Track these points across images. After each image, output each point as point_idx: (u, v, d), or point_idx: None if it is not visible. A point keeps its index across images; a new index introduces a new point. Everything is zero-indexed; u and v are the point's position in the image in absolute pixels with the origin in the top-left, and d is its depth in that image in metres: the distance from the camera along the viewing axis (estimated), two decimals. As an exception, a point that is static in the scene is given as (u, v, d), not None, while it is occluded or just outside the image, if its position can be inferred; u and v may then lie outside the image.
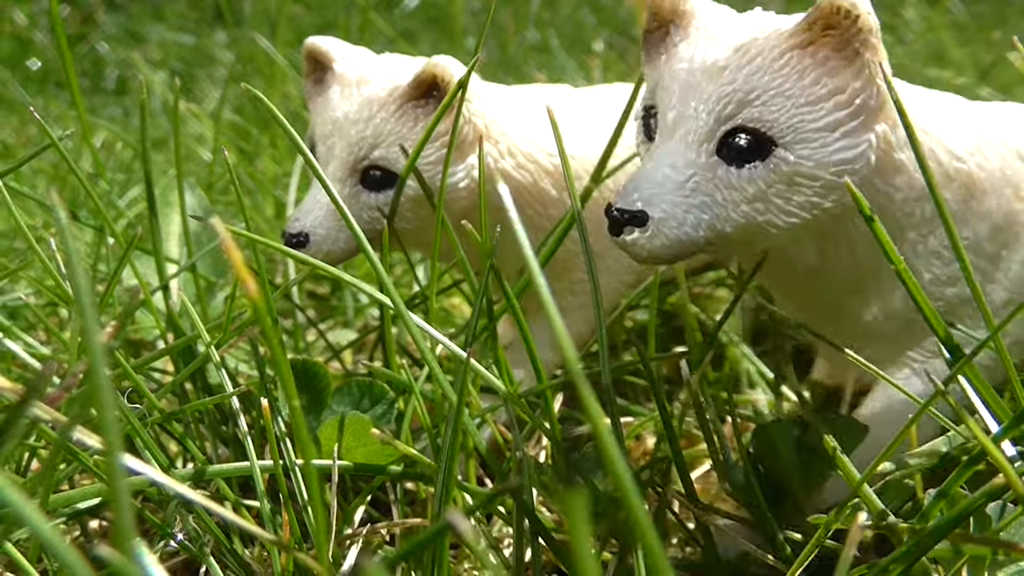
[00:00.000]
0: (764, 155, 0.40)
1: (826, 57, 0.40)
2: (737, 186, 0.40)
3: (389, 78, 0.55)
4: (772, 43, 0.40)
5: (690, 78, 0.41)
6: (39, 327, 0.76)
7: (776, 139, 0.40)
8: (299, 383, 0.49)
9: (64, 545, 0.22)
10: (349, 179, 0.54)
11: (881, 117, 0.41)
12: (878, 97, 0.40)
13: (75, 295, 0.23)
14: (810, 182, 0.40)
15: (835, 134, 0.40)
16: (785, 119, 0.40)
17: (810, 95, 0.40)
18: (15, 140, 1.49)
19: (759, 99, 0.40)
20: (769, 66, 0.40)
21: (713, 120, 0.40)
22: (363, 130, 0.54)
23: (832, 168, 0.40)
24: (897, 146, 0.41)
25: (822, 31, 0.40)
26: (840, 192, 0.40)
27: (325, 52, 0.57)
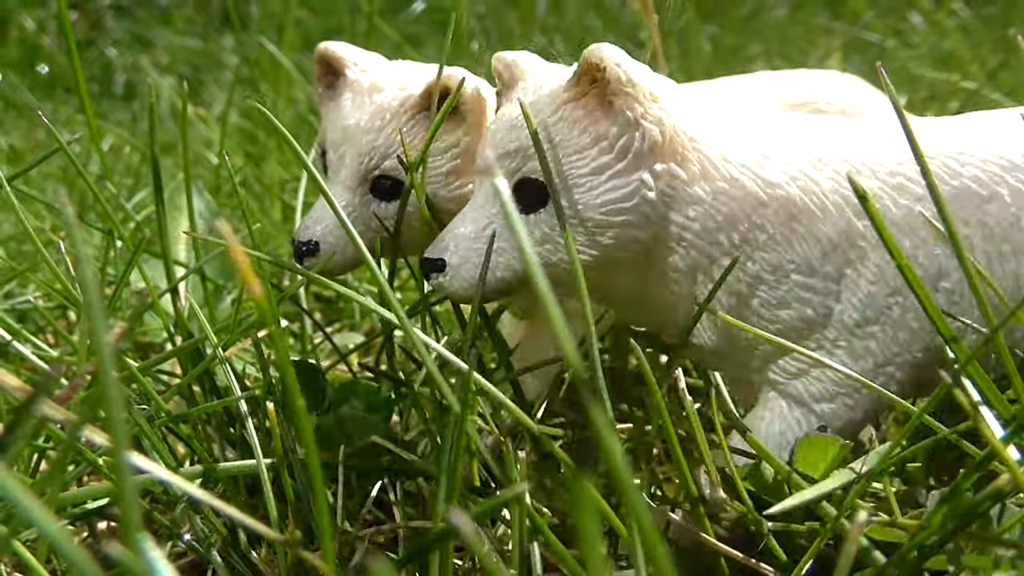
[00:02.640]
0: (544, 202, 0.45)
1: (593, 108, 0.44)
2: (528, 230, 0.45)
3: (401, 86, 0.55)
4: (551, 98, 0.45)
5: (494, 133, 0.47)
6: (48, 330, 0.76)
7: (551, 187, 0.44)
8: (304, 384, 0.50)
9: (72, 544, 0.23)
10: (359, 188, 0.54)
11: (659, 157, 0.43)
12: (644, 140, 0.43)
13: (83, 294, 0.23)
14: (585, 223, 0.44)
15: (602, 177, 0.44)
16: (558, 170, 0.44)
17: (577, 144, 0.44)
18: (24, 144, 1.50)
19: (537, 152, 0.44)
20: (547, 120, 0.44)
21: (505, 173, 0.45)
22: (374, 139, 0.54)
23: (601, 209, 0.44)
24: (690, 180, 0.44)
25: (589, 84, 0.44)
26: (617, 229, 0.44)
27: (338, 58, 0.57)
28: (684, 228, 0.44)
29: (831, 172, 0.45)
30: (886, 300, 0.45)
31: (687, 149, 0.44)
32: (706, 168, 0.44)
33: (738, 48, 1.79)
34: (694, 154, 0.44)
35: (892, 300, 0.45)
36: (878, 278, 0.45)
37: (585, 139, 0.44)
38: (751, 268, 0.45)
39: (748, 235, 0.44)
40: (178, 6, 2.97)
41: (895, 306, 0.45)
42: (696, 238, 0.44)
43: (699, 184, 0.44)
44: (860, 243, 0.45)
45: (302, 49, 1.82)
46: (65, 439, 0.43)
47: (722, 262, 0.45)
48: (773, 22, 2.27)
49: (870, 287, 0.45)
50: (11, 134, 1.59)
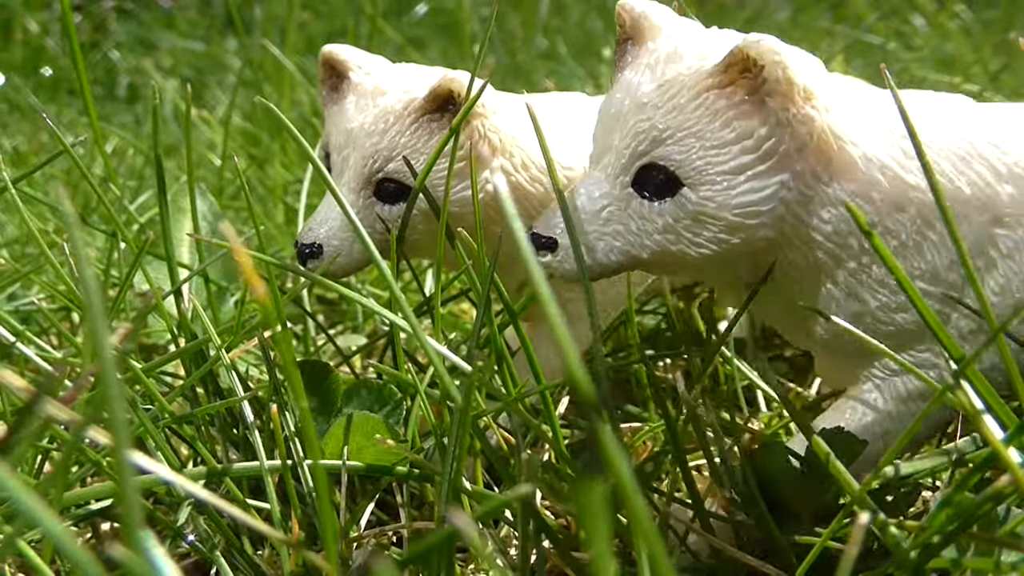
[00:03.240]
0: (673, 192, 0.42)
1: (740, 100, 0.41)
2: (649, 218, 0.43)
3: (405, 89, 0.55)
4: (692, 82, 0.41)
5: (620, 109, 0.43)
6: (52, 332, 0.77)
7: (683, 179, 0.42)
8: (309, 385, 0.50)
9: (76, 545, 0.23)
10: (363, 191, 0.54)
11: (804, 158, 0.41)
12: (791, 141, 0.41)
13: (84, 293, 0.23)
14: (715, 221, 0.42)
15: (740, 177, 0.41)
16: (693, 160, 0.41)
17: (719, 138, 0.41)
18: (28, 147, 1.50)
19: (672, 138, 0.41)
20: (685, 105, 0.41)
21: (629, 155, 0.42)
22: (378, 142, 0.54)
23: (735, 210, 0.41)
24: (830, 180, 0.42)
25: (739, 73, 0.40)
26: (748, 231, 0.42)
27: (342, 61, 0.57)
28: (815, 229, 0.42)
29: (974, 176, 0.43)
30: (1005, 311, 0.44)
31: (832, 149, 0.41)
32: (848, 168, 0.42)
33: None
34: (839, 154, 0.41)
35: (1009, 312, 0.44)
36: (1003, 289, 0.44)
37: (728, 134, 0.41)
38: (876, 272, 0.43)
39: (881, 240, 0.42)
40: (181, 9, 2.98)
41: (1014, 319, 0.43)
42: (826, 240, 0.43)
43: (839, 184, 0.42)
44: (991, 252, 0.44)
45: (305, 52, 1.83)
46: (69, 440, 0.43)
47: (848, 265, 0.43)
48: (775, 25, 2.28)
49: (992, 297, 0.44)
50: (15, 136, 1.59)
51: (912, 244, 0.43)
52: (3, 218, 1.05)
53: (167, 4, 2.99)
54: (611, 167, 0.43)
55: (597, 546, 0.20)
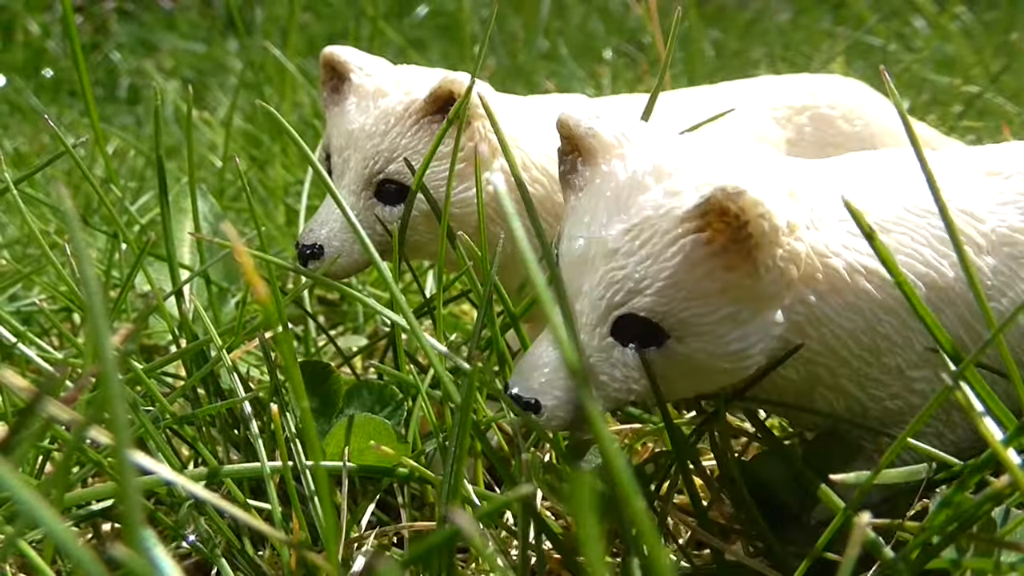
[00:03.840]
0: (658, 343, 0.39)
1: (722, 248, 0.37)
2: (634, 366, 0.40)
3: (406, 91, 0.55)
4: (665, 227, 0.38)
5: (586, 255, 0.40)
6: (52, 332, 0.77)
7: (668, 331, 0.39)
8: (310, 386, 0.50)
9: (78, 544, 0.23)
10: (364, 192, 0.54)
11: (792, 290, 0.39)
12: (780, 280, 0.38)
13: (85, 294, 0.23)
14: (707, 370, 0.39)
15: (729, 327, 0.38)
16: (676, 312, 0.38)
17: (703, 289, 0.38)
18: (29, 148, 1.51)
19: (651, 288, 0.38)
20: (661, 252, 0.38)
21: (605, 305, 0.39)
22: (379, 144, 0.54)
23: (727, 359, 0.39)
24: (819, 301, 0.40)
25: (718, 218, 0.37)
26: (742, 371, 0.40)
27: (343, 62, 0.57)
28: (806, 349, 0.41)
29: (956, 257, 0.41)
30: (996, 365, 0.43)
31: (818, 269, 0.39)
32: (834, 284, 0.40)
33: (741, 52, 1.79)
34: (824, 271, 0.40)
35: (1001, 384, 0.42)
36: (990, 357, 0.43)
37: (710, 285, 0.38)
38: (869, 372, 0.42)
39: (872, 345, 0.41)
40: (182, 10, 2.98)
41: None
42: (815, 356, 0.41)
43: (827, 301, 0.40)
44: (977, 326, 0.43)
45: (306, 53, 1.83)
46: (70, 440, 0.43)
47: (840, 372, 0.42)
48: (776, 26, 2.28)
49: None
50: (16, 138, 1.59)
51: (902, 340, 0.42)
52: (4, 219, 1.05)
53: (168, 5, 3.00)
54: (586, 316, 0.40)
55: (591, 546, 0.20)
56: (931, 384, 0.43)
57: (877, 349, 0.41)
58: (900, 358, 0.42)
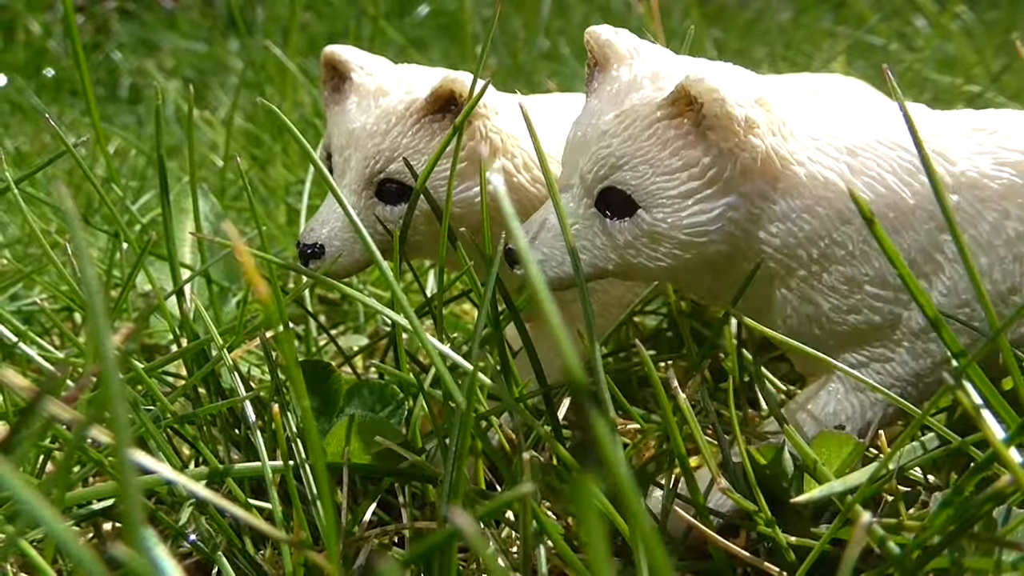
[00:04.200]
0: (631, 213, 0.45)
1: (687, 131, 0.44)
2: (611, 234, 0.46)
3: (407, 90, 0.55)
4: (645, 112, 0.45)
5: (584, 135, 0.47)
6: (54, 332, 0.77)
7: (638, 202, 0.45)
8: (311, 385, 0.50)
9: (79, 544, 0.23)
10: (365, 191, 0.54)
11: (748, 180, 0.44)
12: (735, 167, 0.43)
13: (86, 293, 0.23)
14: (668, 239, 0.45)
15: (688, 201, 0.44)
16: (646, 185, 0.45)
17: (668, 166, 0.44)
18: (30, 148, 1.51)
19: (628, 164, 0.45)
20: (639, 134, 0.45)
21: (592, 178, 0.46)
22: (380, 143, 0.54)
23: (685, 230, 0.45)
24: (777, 198, 0.44)
25: (685, 106, 0.43)
26: (699, 248, 0.45)
27: (344, 61, 0.57)
28: (764, 243, 0.45)
29: (919, 187, 0.46)
30: (953, 311, 0.47)
31: (777, 170, 0.44)
32: (794, 185, 0.44)
33: (742, 51, 1.79)
34: (784, 174, 0.44)
35: (959, 311, 0.47)
36: (950, 291, 0.47)
37: (675, 162, 0.44)
38: (826, 279, 0.46)
39: (827, 251, 0.45)
40: (184, 10, 2.98)
41: (961, 315, 0.47)
42: (775, 252, 0.46)
43: (785, 201, 0.45)
44: (937, 257, 0.46)
45: (307, 53, 1.83)
46: (71, 439, 0.43)
47: (799, 273, 0.46)
48: (777, 26, 2.28)
49: (940, 299, 0.47)
50: (17, 137, 1.59)
51: (859, 253, 0.46)
52: (6, 218, 1.05)
53: (169, 5, 3.00)
54: (577, 188, 0.47)
55: (595, 545, 0.20)
56: (887, 305, 0.46)
57: (833, 256, 0.46)
58: (856, 270, 0.46)
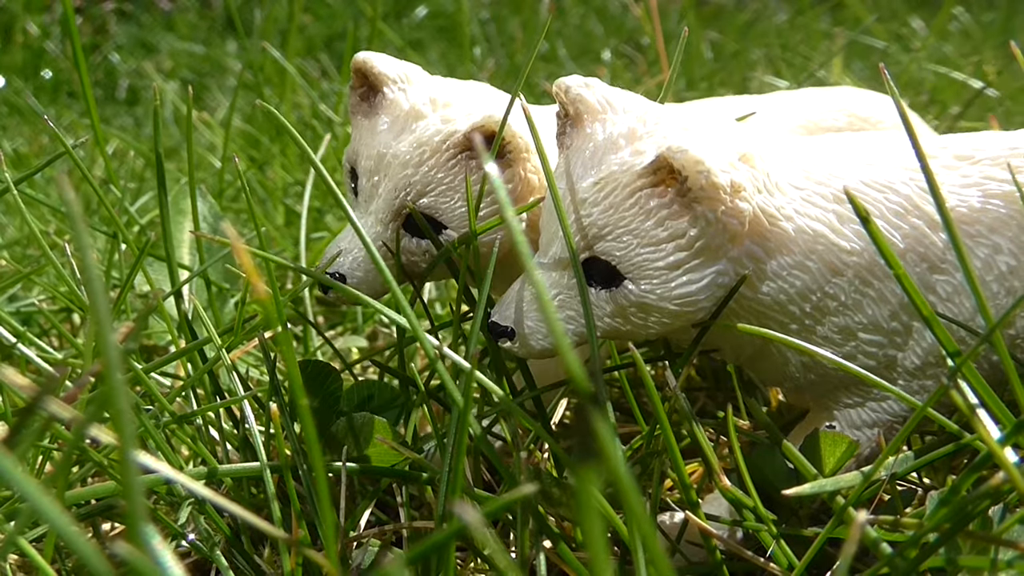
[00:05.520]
0: (617, 283, 0.44)
1: (671, 200, 0.42)
2: (597, 303, 0.45)
3: (444, 118, 0.52)
4: (626, 180, 0.43)
5: (562, 203, 0.45)
6: (52, 333, 0.77)
7: (624, 273, 0.43)
8: (310, 385, 0.50)
9: (83, 539, 0.23)
10: (392, 223, 0.52)
11: (737, 244, 0.43)
12: (723, 234, 0.42)
13: (87, 287, 0.23)
14: (658, 310, 0.43)
15: (676, 272, 0.43)
16: (631, 256, 0.43)
17: (653, 236, 0.42)
18: (28, 149, 1.51)
19: (611, 234, 0.43)
20: (621, 204, 0.43)
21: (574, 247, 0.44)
22: (412, 175, 0.51)
23: (675, 301, 0.43)
24: (766, 258, 0.43)
25: (668, 175, 0.41)
26: (691, 315, 0.43)
27: (378, 75, 0.53)
28: (758, 302, 0.44)
29: (909, 229, 0.45)
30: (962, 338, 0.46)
31: (765, 228, 0.43)
32: (784, 242, 0.43)
33: (739, 53, 1.79)
34: (772, 232, 0.43)
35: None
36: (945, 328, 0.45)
37: (661, 232, 0.42)
38: (820, 331, 0.45)
39: (820, 304, 0.45)
40: (181, 12, 2.98)
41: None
42: (767, 309, 0.45)
43: (775, 259, 0.44)
44: (931, 298, 0.46)
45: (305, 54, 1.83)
46: (71, 438, 0.43)
47: (791, 327, 0.45)
48: (774, 27, 2.28)
49: (932, 338, 0.46)
50: (16, 139, 1.59)
51: (852, 303, 0.45)
52: (4, 220, 1.05)
53: (167, 7, 3.00)
54: (558, 257, 0.45)
55: (594, 544, 0.20)
56: (881, 349, 0.46)
57: (826, 308, 0.45)
58: (850, 319, 0.45)
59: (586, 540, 0.21)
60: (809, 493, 0.40)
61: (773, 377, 0.49)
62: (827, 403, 0.48)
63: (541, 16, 2.23)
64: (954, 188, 0.46)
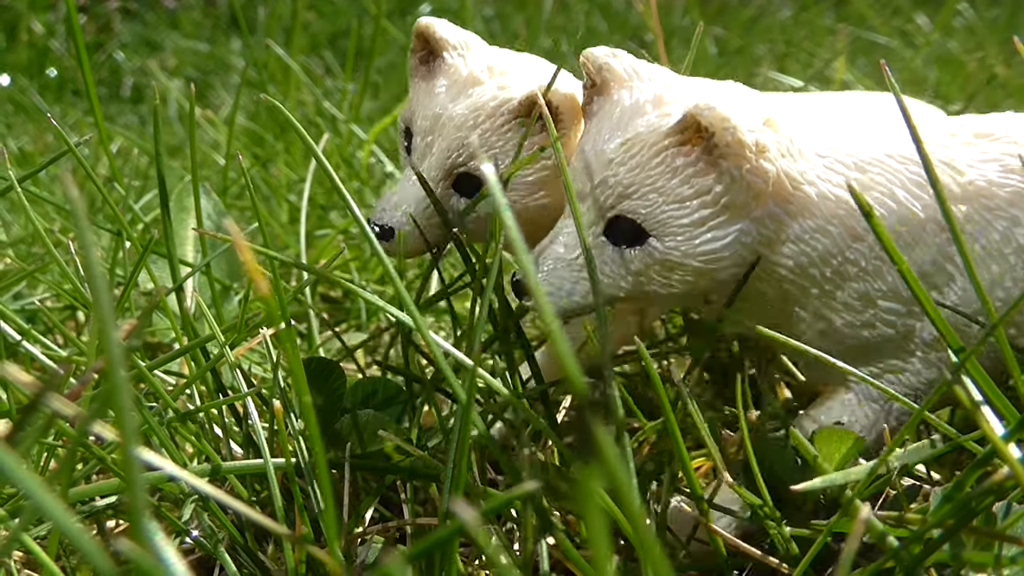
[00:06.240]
0: (641, 241, 0.44)
1: (697, 158, 0.43)
2: (621, 263, 0.45)
3: (499, 85, 0.54)
4: (652, 140, 0.44)
5: (589, 160, 0.46)
6: (56, 331, 0.77)
7: (648, 231, 0.44)
8: (314, 382, 0.50)
9: (86, 536, 0.23)
10: (443, 182, 0.54)
11: (761, 204, 0.43)
12: (747, 192, 0.43)
13: (90, 283, 0.23)
14: (682, 267, 0.44)
15: (701, 229, 0.43)
16: (656, 214, 0.44)
17: (679, 194, 0.43)
18: (33, 147, 1.51)
19: (637, 193, 0.44)
20: (647, 163, 0.44)
21: (600, 206, 0.45)
22: (466, 137, 0.53)
23: (699, 258, 0.44)
24: (789, 220, 0.44)
25: (694, 133, 0.42)
26: (714, 273, 0.44)
27: (439, 39, 0.55)
28: (779, 264, 0.45)
29: (928, 199, 0.46)
30: (965, 323, 0.46)
31: (788, 191, 0.44)
32: (806, 206, 0.44)
33: (743, 49, 1.79)
34: (795, 195, 0.44)
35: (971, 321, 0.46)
36: (961, 300, 0.47)
37: (686, 190, 0.43)
38: (840, 296, 0.46)
39: (841, 268, 0.45)
40: (186, 9, 2.98)
41: (974, 326, 0.46)
42: (789, 272, 0.45)
43: (797, 222, 0.44)
44: (949, 268, 0.46)
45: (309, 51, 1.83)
46: (75, 435, 0.43)
47: (812, 291, 0.46)
48: (778, 23, 2.28)
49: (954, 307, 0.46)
50: (20, 137, 1.60)
51: (872, 268, 0.45)
52: (9, 218, 1.05)
53: (171, 4, 3.00)
54: (585, 216, 0.46)
55: (597, 541, 0.20)
56: (900, 318, 0.46)
57: (846, 273, 0.45)
58: (869, 285, 0.46)
59: (589, 537, 0.21)
60: (819, 488, 0.40)
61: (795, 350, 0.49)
62: (845, 377, 0.48)
63: (544, 13, 2.23)
64: (973, 162, 0.47)
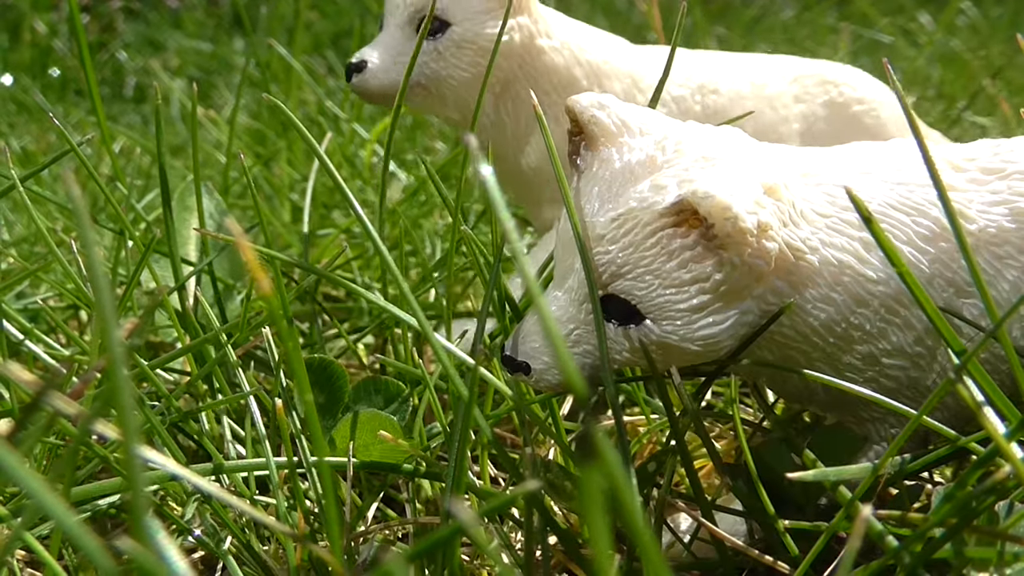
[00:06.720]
0: (637, 321, 0.42)
1: (694, 242, 0.40)
2: (615, 339, 0.43)
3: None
4: (646, 219, 0.41)
5: (580, 232, 0.43)
6: (58, 331, 0.77)
7: (644, 313, 0.42)
8: (316, 381, 0.50)
9: (87, 535, 0.23)
10: (407, 27, 0.65)
11: (763, 282, 0.41)
12: (749, 275, 0.41)
13: (92, 282, 0.23)
14: (680, 350, 0.42)
15: (700, 314, 0.41)
16: (652, 297, 0.41)
17: (676, 278, 0.41)
18: (36, 147, 1.51)
19: (631, 273, 0.41)
20: (641, 242, 0.41)
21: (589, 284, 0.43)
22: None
23: (698, 342, 0.42)
24: (791, 291, 0.42)
25: (692, 215, 0.40)
26: (714, 354, 0.42)
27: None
28: (779, 335, 0.43)
29: (937, 253, 0.44)
30: None
31: (791, 263, 0.41)
32: (810, 275, 0.42)
33: (746, 49, 1.79)
34: (797, 265, 0.42)
35: None
36: None
37: (684, 275, 0.41)
38: (844, 359, 0.44)
39: (845, 334, 0.43)
40: (189, 9, 2.98)
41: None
42: (789, 342, 0.43)
43: (800, 293, 0.42)
44: (956, 322, 0.44)
45: (312, 51, 1.83)
46: (77, 434, 0.43)
47: (813, 356, 0.44)
48: (780, 23, 2.27)
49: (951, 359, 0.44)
50: (23, 136, 1.60)
51: (877, 331, 0.44)
52: (11, 217, 1.05)
53: (174, 4, 3.00)
54: (575, 292, 0.43)
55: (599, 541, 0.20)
56: (904, 371, 0.45)
57: (850, 338, 0.43)
58: (873, 347, 0.44)
59: (590, 537, 0.21)
60: (812, 479, 0.39)
61: (797, 395, 0.48)
62: (857, 413, 0.47)
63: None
64: (983, 207, 0.45)
